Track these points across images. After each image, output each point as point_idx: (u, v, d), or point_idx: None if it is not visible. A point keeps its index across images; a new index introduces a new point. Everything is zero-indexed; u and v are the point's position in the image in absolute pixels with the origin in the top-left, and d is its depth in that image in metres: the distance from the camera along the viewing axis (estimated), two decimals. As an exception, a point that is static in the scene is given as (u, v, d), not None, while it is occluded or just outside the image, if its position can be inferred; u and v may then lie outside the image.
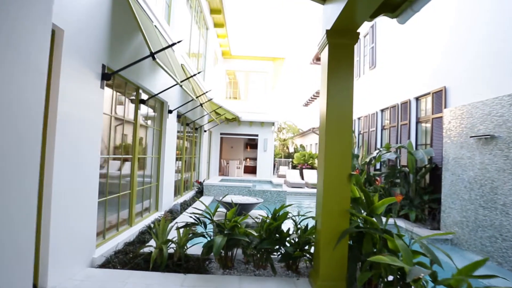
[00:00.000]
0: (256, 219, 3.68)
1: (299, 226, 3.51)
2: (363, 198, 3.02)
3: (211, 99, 9.14)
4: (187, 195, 8.73)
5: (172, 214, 6.24)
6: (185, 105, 7.57)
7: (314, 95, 24.75)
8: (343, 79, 3.02)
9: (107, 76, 3.49)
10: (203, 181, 10.35)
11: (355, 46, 11.58)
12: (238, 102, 16.46)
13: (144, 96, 5.15)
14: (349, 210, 2.90)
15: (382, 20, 9.40)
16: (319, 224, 2.97)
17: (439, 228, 5.88)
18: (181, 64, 7.06)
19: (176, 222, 3.74)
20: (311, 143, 21.70)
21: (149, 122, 5.67)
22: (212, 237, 3.44)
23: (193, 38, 9.18)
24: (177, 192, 7.98)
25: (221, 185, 9.27)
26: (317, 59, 17.56)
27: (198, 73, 6.15)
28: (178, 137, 7.72)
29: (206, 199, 8.60)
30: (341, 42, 3.11)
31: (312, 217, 3.35)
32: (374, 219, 2.80)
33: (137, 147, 4.89)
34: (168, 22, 6.39)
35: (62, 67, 2.74)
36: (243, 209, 4.32)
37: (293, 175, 14.92)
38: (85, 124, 3.17)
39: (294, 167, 19.04)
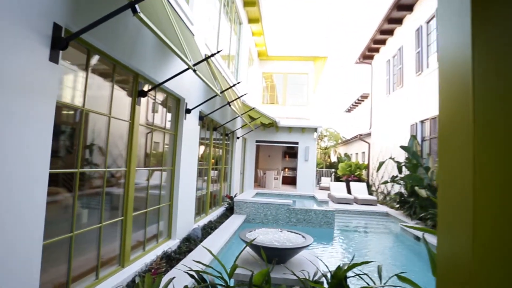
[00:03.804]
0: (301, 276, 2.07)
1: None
2: None
3: (241, 96, 7.73)
4: (215, 213, 7.33)
5: (189, 242, 4.83)
6: (211, 105, 6.25)
7: (359, 99, 22.44)
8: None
9: (62, 43, 2.19)
10: (234, 196, 8.91)
11: (416, 34, 9.53)
12: (275, 107, 14.99)
13: (141, 88, 3.85)
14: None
15: None
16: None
17: None
18: (205, 55, 5.76)
19: (173, 278, 2.27)
20: (357, 152, 19.34)
21: (156, 122, 4.37)
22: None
23: (222, 32, 7.93)
24: (201, 210, 6.62)
25: (254, 201, 7.74)
26: (364, 57, 15.47)
27: (216, 52, 4.74)
28: (202, 144, 6.39)
29: (236, 219, 7.12)
30: None
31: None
32: None
33: (134, 157, 3.57)
34: (187, 1, 5.13)
35: None
36: (283, 255, 2.72)
37: (338, 188, 12.89)
38: (18, 118, 1.87)
39: (337, 178, 16.91)
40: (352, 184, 13.03)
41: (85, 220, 2.92)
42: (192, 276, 2.05)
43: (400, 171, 8.92)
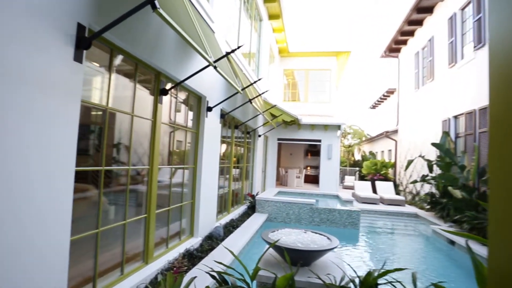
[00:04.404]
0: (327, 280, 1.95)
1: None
2: None
3: (263, 93, 7.63)
4: (237, 212, 7.31)
5: (211, 240, 4.83)
6: (232, 103, 6.22)
7: (384, 95, 21.57)
8: None
9: (85, 42, 2.20)
10: (256, 194, 8.86)
11: (449, 23, 8.97)
12: (297, 104, 14.75)
13: (163, 86, 3.86)
14: None
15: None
16: None
17: None
18: (226, 52, 5.71)
19: (194, 277, 2.24)
20: (383, 150, 18.64)
21: (178, 120, 4.39)
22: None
23: (242, 29, 7.87)
24: (223, 208, 6.62)
25: (276, 200, 7.63)
26: (391, 50, 14.78)
27: (237, 47, 4.67)
28: (223, 142, 6.38)
29: (258, 218, 7.05)
30: None
31: None
32: None
33: (156, 155, 3.59)
34: (207, -2, 5.10)
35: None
36: (307, 257, 2.61)
37: (363, 188, 12.48)
38: (45, 118, 1.90)
39: (362, 177, 16.37)
40: (377, 183, 12.56)
41: (110, 217, 2.97)
42: (213, 277, 2.00)
43: (430, 170, 8.45)
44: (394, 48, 14.35)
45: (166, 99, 3.83)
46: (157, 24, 3.27)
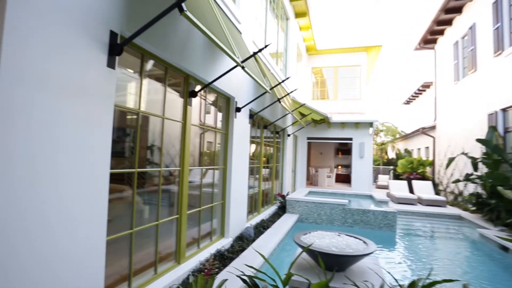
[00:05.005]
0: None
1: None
2: None
3: (291, 92, 7.50)
4: (267, 212, 7.26)
5: (242, 241, 4.82)
6: (260, 103, 6.18)
7: (419, 89, 20.32)
8: None
9: (117, 49, 2.27)
10: (287, 194, 8.74)
11: (494, 7, 8.24)
12: (326, 102, 14.41)
13: (192, 89, 3.90)
14: None
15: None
16: None
17: None
18: (253, 52, 5.69)
19: (225, 280, 2.21)
20: (419, 147, 17.59)
21: (208, 122, 4.42)
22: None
23: (269, 29, 7.80)
24: (253, 208, 6.60)
25: (307, 200, 7.47)
26: (426, 41, 13.87)
27: (265, 46, 4.61)
28: (252, 142, 6.36)
29: (289, 219, 6.94)
30: None
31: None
32: None
33: (187, 156, 3.64)
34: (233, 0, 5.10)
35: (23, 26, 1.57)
36: (342, 262, 2.48)
37: (398, 187, 11.86)
38: (77, 122, 1.98)
39: (397, 176, 15.57)
40: (414, 182, 11.87)
41: (143, 217, 3.05)
42: (244, 281, 1.96)
43: (475, 169, 7.80)
44: (429, 39, 13.47)
45: (195, 101, 3.88)
46: (185, 28, 3.31)
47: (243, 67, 3.34)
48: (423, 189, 11.37)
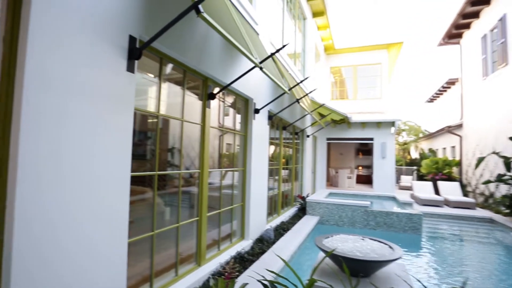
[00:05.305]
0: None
1: None
2: None
3: (310, 92, 7.38)
4: (287, 214, 7.18)
5: (262, 243, 4.77)
6: (279, 104, 6.13)
7: (444, 86, 19.45)
8: None
9: (136, 53, 2.30)
10: (306, 196, 8.61)
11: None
12: (346, 102, 14.11)
13: (211, 91, 3.90)
14: None
15: None
16: None
17: None
18: (271, 53, 5.65)
19: (245, 284, 2.18)
20: (445, 147, 16.83)
21: (226, 124, 4.42)
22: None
23: (286, 29, 7.73)
24: (273, 210, 6.54)
25: (328, 202, 7.32)
26: (450, 36, 13.24)
27: (282, 46, 4.55)
28: (272, 143, 6.31)
29: (309, 221, 6.83)
30: None
31: None
32: None
33: (206, 158, 3.65)
34: (250, 1, 5.09)
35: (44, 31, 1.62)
36: (367, 268, 2.37)
37: (423, 189, 11.40)
38: (99, 126, 2.02)
39: (421, 177, 14.96)
40: (440, 183, 11.36)
41: (164, 219, 3.08)
42: (265, 286, 1.92)
43: (508, 169, 7.34)
44: (454, 34, 12.89)
45: (214, 103, 3.89)
46: (202, 31, 3.32)
47: (261, 68, 3.31)
48: (450, 190, 10.85)
